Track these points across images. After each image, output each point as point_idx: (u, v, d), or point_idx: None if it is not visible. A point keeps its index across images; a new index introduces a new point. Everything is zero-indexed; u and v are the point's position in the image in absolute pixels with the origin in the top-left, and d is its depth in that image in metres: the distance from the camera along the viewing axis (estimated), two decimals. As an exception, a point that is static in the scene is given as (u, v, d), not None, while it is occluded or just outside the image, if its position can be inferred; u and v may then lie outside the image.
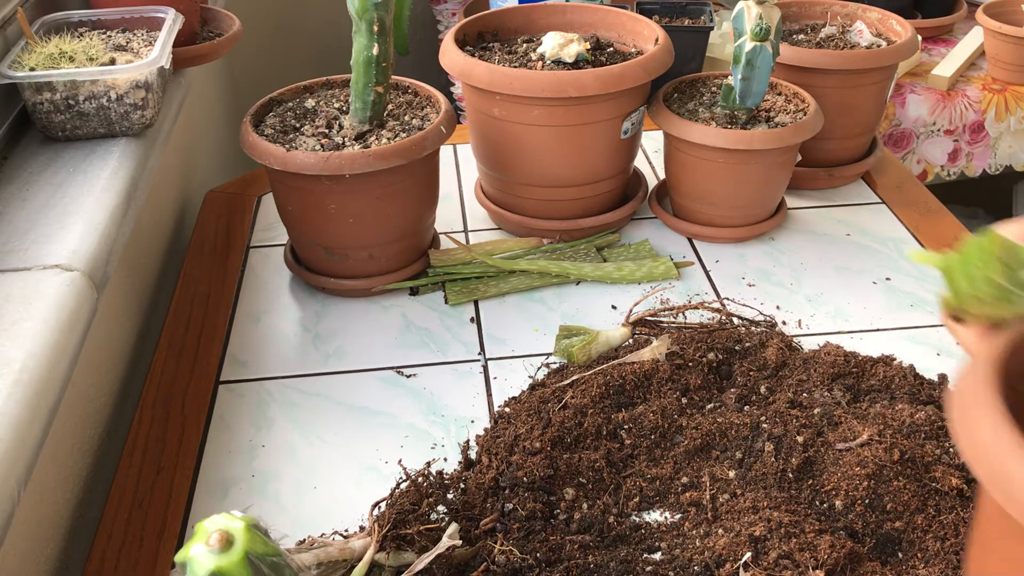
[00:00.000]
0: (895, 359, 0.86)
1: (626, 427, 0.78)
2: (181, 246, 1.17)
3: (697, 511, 0.71)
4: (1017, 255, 0.49)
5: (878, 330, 0.94)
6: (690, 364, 0.83)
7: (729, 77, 1.02)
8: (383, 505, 0.68)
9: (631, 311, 0.91)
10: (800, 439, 0.74)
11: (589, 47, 1.05)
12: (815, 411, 0.78)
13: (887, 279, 1.01)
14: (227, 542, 0.43)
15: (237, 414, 0.84)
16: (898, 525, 0.68)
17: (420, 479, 0.72)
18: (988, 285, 0.49)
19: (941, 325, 0.94)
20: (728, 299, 0.97)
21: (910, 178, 1.24)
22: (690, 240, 1.09)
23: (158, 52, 0.86)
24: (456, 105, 1.65)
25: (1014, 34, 1.62)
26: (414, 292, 1.00)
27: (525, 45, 1.10)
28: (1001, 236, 0.49)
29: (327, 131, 0.96)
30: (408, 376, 0.88)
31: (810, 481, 0.72)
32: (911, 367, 0.85)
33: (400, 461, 0.76)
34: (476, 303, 0.99)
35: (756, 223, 1.08)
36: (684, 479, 0.73)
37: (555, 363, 0.89)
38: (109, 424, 0.89)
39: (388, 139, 0.93)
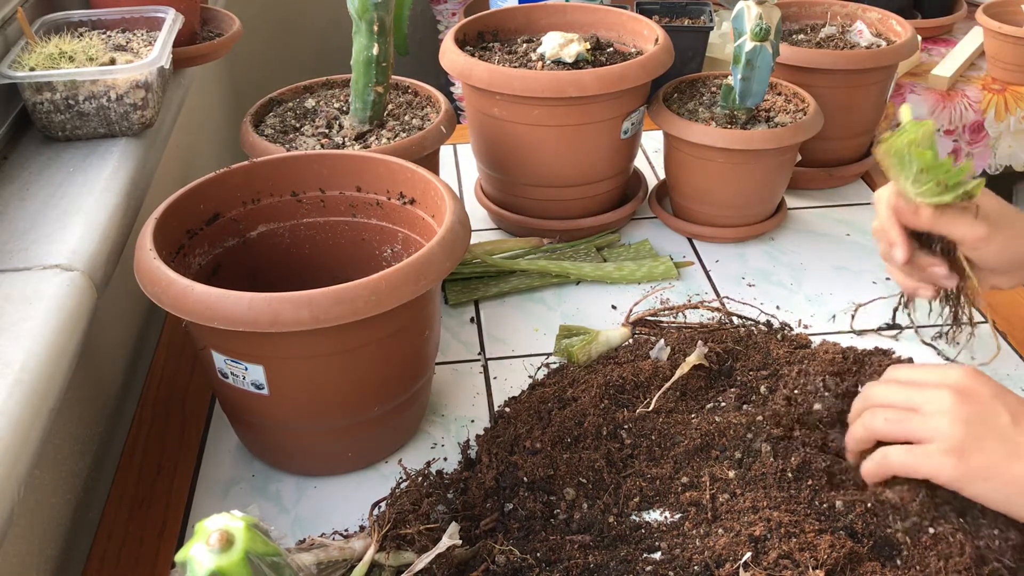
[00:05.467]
0: (894, 352, 0.86)
1: (626, 427, 0.78)
2: (181, 246, 1.17)
3: (697, 511, 0.71)
4: (927, 142, 0.70)
5: (868, 331, 0.94)
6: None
7: (729, 77, 1.02)
8: (383, 505, 0.68)
9: (631, 311, 0.91)
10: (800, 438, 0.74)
11: (589, 47, 1.05)
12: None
13: (887, 279, 1.01)
14: (227, 542, 0.43)
15: (237, 414, 0.84)
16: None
17: (420, 479, 0.72)
18: (901, 145, 0.70)
19: (941, 325, 0.94)
20: (727, 296, 0.97)
21: (910, 178, 1.24)
22: (690, 240, 1.09)
23: (158, 52, 0.86)
24: (456, 105, 1.65)
25: (1014, 34, 1.62)
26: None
27: (525, 45, 1.10)
28: (930, 125, 0.70)
29: (327, 131, 0.96)
30: (408, 376, 0.88)
31: (810, 481, 0.72)
32: (910, 359, 0.85)
33: (400, 461, 0.76)
34: (476, 303, 0.99)
35: (756, 223, 1.08)
36: (684, 479, 0.73)
37: (555, 363, 0.89)
38: (109, 424, 0.89)
39: (388, 139, 0.93)
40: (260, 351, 0.67)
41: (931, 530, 0.65)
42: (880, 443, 0.68)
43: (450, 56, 1.03)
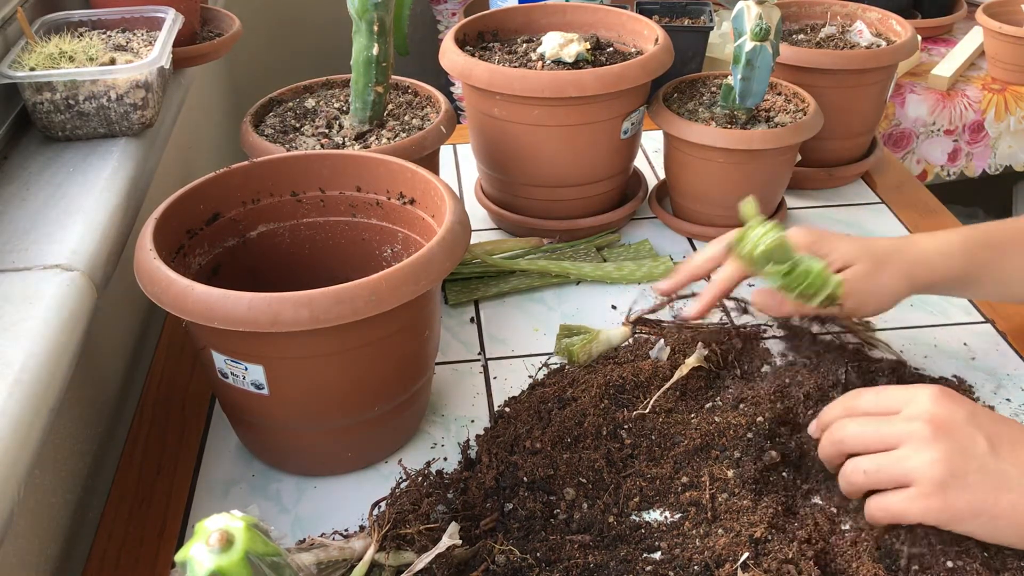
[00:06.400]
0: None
1: (626, 427, 0.78)
2: (181, 246, 1.17)
3: (697, 511, 0.71)
4: (780, 255, 0.73)
5: (878, 330, 0.94)
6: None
7: (729, 77, 1.02)
8: (383, 505, 0.68)
9: (630, 310, 0.91)
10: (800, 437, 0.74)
11: (589, 47, 1.05)
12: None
13: (887, 279, 1.01)
14: (227, 542, 0.43)
15: (237, 414, 0.84)
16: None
17: (420, 479, 0.72)
18: (754, 256, 0.73)
19: (941, 325, 0.94)
20: (716, 281, 0.97)
21: (910, 178, 1.24)
22: (690, 240, 1.09)
23: (158, 52, 0.86)
24: (456, 105, 1.65)
25: (1014, 34, 1.62)
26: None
27: (525, 45, 1.10)
28: (783, 238, 0.72)
29: (327, 131, 0.96)
30: (408, 376, 0.88)
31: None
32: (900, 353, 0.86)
33: (400, 461, 0.76)
34: (476, 303, 0.99)
35: (756, 223, 1.07)
36: (684, 479, 0.73)
37: (555, 363, 0.89)
38: (109, 424, 0.89)
39: (388, 139, 0.93)
40: (260, 351, 0.67)
41: (948, 564, 0.62)
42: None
43: (450, 56, 1.03)
